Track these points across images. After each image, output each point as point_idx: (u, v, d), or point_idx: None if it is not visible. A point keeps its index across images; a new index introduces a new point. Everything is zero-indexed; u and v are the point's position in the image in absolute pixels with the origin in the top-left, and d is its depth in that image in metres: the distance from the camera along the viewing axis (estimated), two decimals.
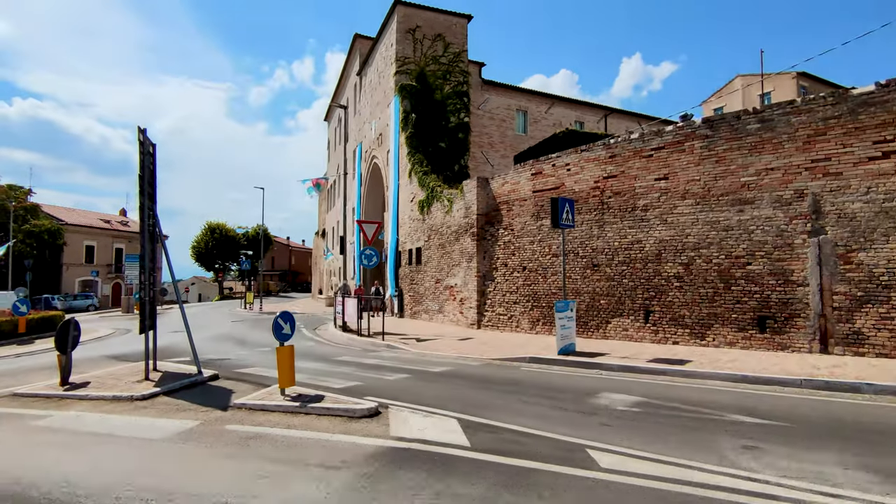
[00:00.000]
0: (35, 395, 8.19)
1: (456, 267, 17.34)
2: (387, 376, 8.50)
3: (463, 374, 8.71)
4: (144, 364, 8.68)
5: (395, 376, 8.49)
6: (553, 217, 10.42)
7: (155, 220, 9.00)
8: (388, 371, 9.05)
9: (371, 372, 9.01)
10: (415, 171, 20.85)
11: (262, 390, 7.25)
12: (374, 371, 9.10)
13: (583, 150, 13.24)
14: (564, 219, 10.47)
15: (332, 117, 45.13)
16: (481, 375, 8.60)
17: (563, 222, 10.46)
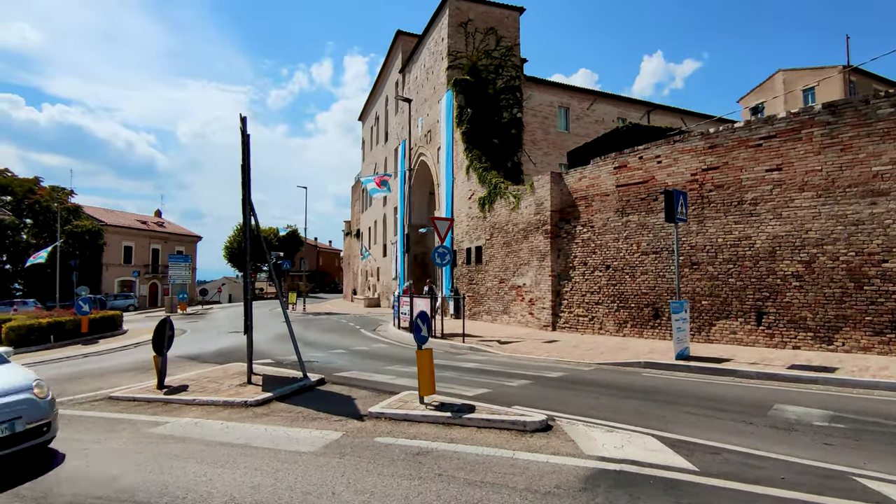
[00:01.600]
0: (133, 398, 7.76)
1: (524, 266, 16.64)
2: (507, 382, 7.84)
3: (586, 381, 8.00)
4: (247, 367, 8.19)
5: (517, 382, 7.82)
6: (668, 211, 9.65)
7: (254, 215, 8.52)
8: (502, 377, 8.39)
9: (485, 377, 8.36)
10: (473, 168, 20.21)
11: (391, 398, 6.64)
12: (487, 376, 8.45)
13: (676, 140, 12.42)
14: (679, 213, 9.70)
15: (367, 116, 44.82)
16: (609, 382, 7.88)
17: (678, 216, 9.69)
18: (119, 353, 14.43)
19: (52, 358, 13.78)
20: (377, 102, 40.28)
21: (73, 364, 12.59)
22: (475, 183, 20.12)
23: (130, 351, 14.86)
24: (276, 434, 5.57)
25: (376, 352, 12.43)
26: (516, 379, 8.10)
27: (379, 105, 39.52)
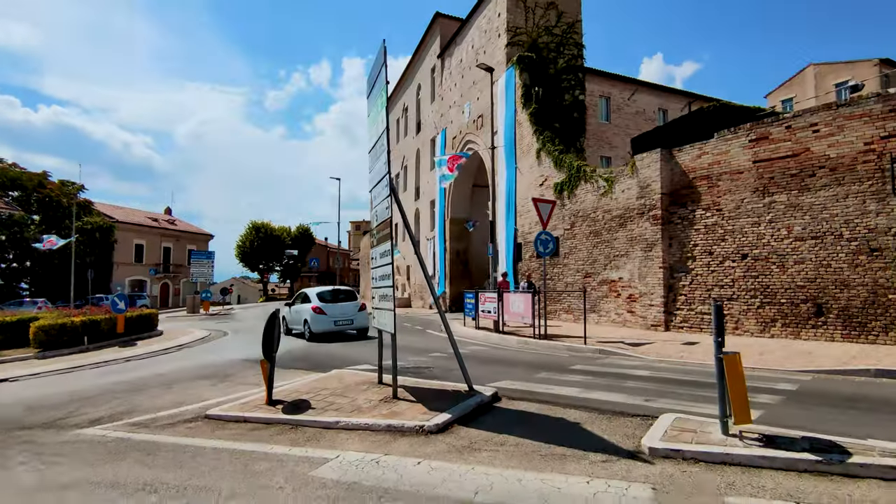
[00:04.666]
0: (244, 418, 5.74)
1: (621, 258, 14.64)
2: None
3: (872, 398, 6.00)
4: (393, 376, 6.14)
5: (763, 398, 5.82)
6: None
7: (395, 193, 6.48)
8: (708, 388, 6.38)
9: (688, 389, 6.36)
10: (546, 151, 18.23)
11: (655, 424, 4.61)
12: (690, 388, 6.44)
13: (841, 105, 10.46)
14: None
15: (391, 108, 42.83)
16: (881, 398, 5.88)
17: None
18: (164, 358, 12.39)
19: (91, 362, 11.74)
20: (405, 92, 38.32)
21: (119, 371, 10.55)
22: (549, 167, 18.14)
23: (175, 354, 12.83)
24: (540, 488, 3.56)
25: (483, 355, 10.42)
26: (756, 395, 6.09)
27: (408, 95, 37.56)
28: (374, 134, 6.87)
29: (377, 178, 6.69)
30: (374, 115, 6.81)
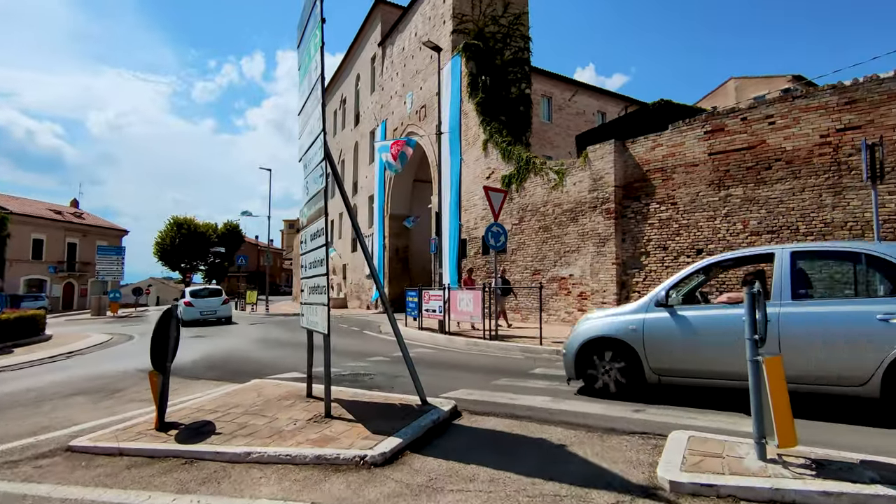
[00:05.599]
0: (120, 450, 4.28)
1: (572, 254, 14.00)
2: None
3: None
4: (325, 388, 4.83)
5: None
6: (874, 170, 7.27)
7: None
8: (695, 394, 5.59)
9: (677, 395, 5.53)
10: (494, 142, 17.38)
11: (676, 447, 3.60)
12: (679, 394, 5.62)
13: (797, 96, 10.25)
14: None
15: (329, 99, 40.80)
16: None
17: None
18: (45, 368, 10.27)
19: None
20: (343, 83, 36.53)
21: None
22: (496, 159, 17.30)
23: (62, 363, 10.71)
24: None
25: (430, 358, 9.27)
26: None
27: (347, 85, 35.80)
28: (305, 88, 5.54)
29: (309, 141, 5.37)
30: (307, 64, 5.49)
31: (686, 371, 5.08)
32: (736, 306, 4.83)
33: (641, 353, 5.22)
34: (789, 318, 4.53)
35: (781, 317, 4.53)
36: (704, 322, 5.00)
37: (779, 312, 4.53)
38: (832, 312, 4.50)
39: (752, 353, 3.18)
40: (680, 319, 5.12)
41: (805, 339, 4.48)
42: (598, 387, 5.58)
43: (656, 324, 5.23)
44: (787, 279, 4.70)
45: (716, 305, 5.20)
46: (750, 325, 3.20)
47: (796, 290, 4.68)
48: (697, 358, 4.98)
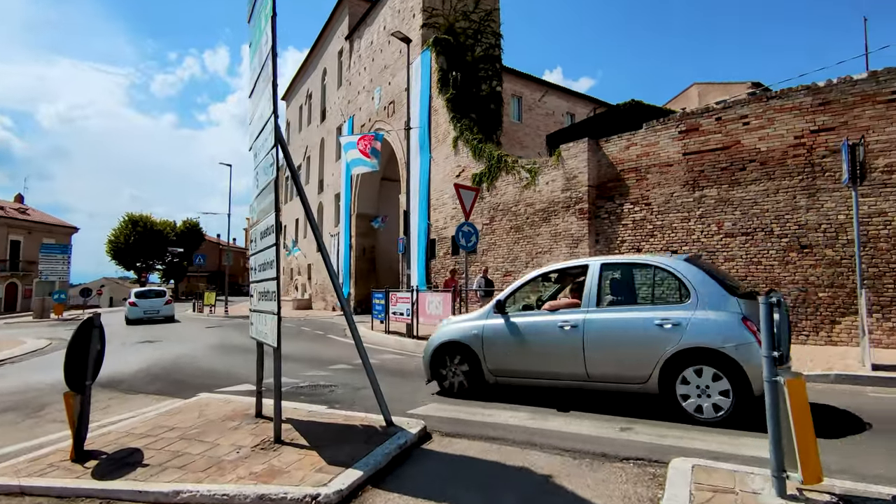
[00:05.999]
0: (18, 489, 3.60)
1: (545, 255, 13.64)
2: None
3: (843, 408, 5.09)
4: (275, 410, 4.19)
5: None
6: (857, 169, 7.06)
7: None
8: None
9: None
10: (464, 140, 16.89)
11: (680, 480, 3.12)
12: None
13: (771, 97, 10.13)
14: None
15: (295, 94, 39.61)
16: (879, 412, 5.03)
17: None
18: None
19: None
20: (310, 77, 35.45)
21: None
22: (467, 157, 16.81)
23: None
24: None
25: (397, 366, 8.69)
26: None
27: (313, 80, 34.74)
28: (256, 65, 4.89)
29: (259, 126, 4.72)
30: (257, 39, 4.84)
31: (515, 372, 5.60)
32: (554, 313, 5.34)
33: (481, 355, 5.74)
34: (592, 323, 5.04)
35: (587, 322, 5.06)
36: (528, 327, 5.50)
37: (584, 319, 5.08)
38: (625, 318, 4.96)
39: (769, 373, 2.75)
40: (511, 325, 5.61)
41: (604, 341, 4.97)
42: (445, 386, 6.07)
43: (493, 329, 5.71)
44: (595, 288, 5.18)
45: (539, 312, 5.58)
46: (767, 339, 2.76)
47: (601, 298, 5.17)
48: (523, 360, 5.51)
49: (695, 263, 4.98)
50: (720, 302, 4.60)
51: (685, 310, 4.67)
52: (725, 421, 4.39)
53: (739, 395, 4.37)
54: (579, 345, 5.02)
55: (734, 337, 4.41)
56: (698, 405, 4.51)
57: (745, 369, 4.33)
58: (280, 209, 4.16)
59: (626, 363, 4.85)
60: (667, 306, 4.94)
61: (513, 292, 5.97)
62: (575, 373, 5.11)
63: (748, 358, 4.32)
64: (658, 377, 4.66)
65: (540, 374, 5.39)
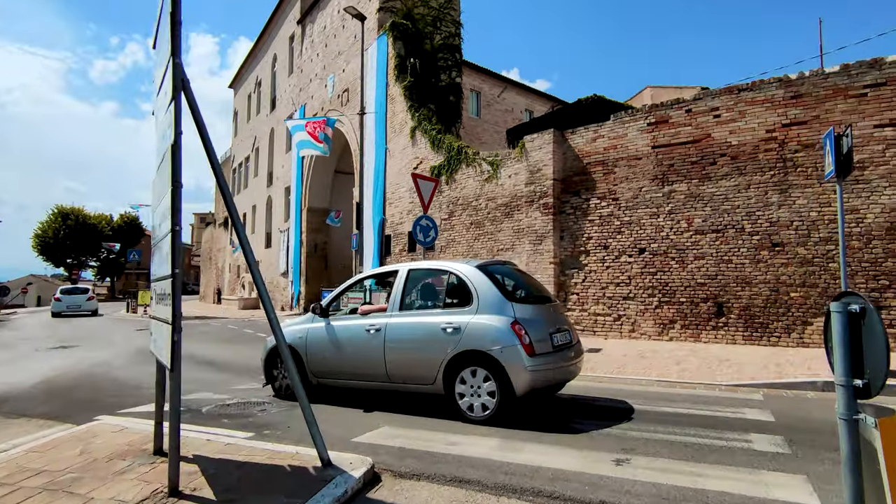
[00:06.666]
0: None
1: (507, 252, 12.92)
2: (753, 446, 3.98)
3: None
4: (171, 452, 3.13)
5: (763, 444, 4.01)
6: (842, 163, 6.59)
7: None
8: (672, 424, 4.51)
9: (656, 427, 4.41)
10: (423, 130, 15.96)
11: None
12: (657, 425, 4.50)
13: (743, 89, 9.74)
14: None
15: (244, 81, 37.49)
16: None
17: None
18: None
19: None
20: (259, 63, 33.55)
21: None
22: (425, 148, 15.90)
23: None
24: None
25: None
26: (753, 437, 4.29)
27: (262, 67, 32.88)
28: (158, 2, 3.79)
29: (160, 75, 3.64)
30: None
31: (332, 373, 5.76)
32: (364, 317, 5.54)
33: (305, 358, 5.86)
34: (392, 326, 5.26)
35: (388, 326, 5.27)
36: (343, 331, 5.67)
37: (387, 322, 5.29)
38: (418, 322, 5.18)
39: (847, 408, 1.99)
40: (329, 329, 5.77)
41: (400, 344, 5.19)
42: (276, 388, 6.20)
43: (314, 332, 5.86)
44: (399, 293, 5.40)
45: (354, 316, 5.72)
46: (843, 361, 2.00)
47: (404, 302, 5.39)
48: (338, 362, 5.68)
49: (484, 270, 5.16)
50: (497, 306, 4.81)
51: (466, 314, 4.89)
52: (491, 420, 4.64)
53: (503, 396, 4.62)
54: (381, 347, 5.22)
55: (501, 340, 4.63)
56: (470, 404, 4.76)
57: (508, 371, 4.56)
58: (180, 182, 3.12)
59: (417, 365, 5.06)
60: (453, 311, 5.05)
61: (335, 297, 6.13)
62: (378, 374, 5.30)
63: (511, 360, 4.56)
64: (442, 378, 4.86)
65: (352, 375, 5.58)
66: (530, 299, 5.31)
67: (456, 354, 4.79)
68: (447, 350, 4.83)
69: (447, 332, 4.87)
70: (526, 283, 5.82)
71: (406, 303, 5.42)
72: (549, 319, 5.09)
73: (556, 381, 5.08)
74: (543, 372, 4.69)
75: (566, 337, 5.19)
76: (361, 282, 6.28)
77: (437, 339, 4.92)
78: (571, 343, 5.26)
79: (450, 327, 4.87)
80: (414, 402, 5.50)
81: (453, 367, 4.83)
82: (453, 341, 4.82)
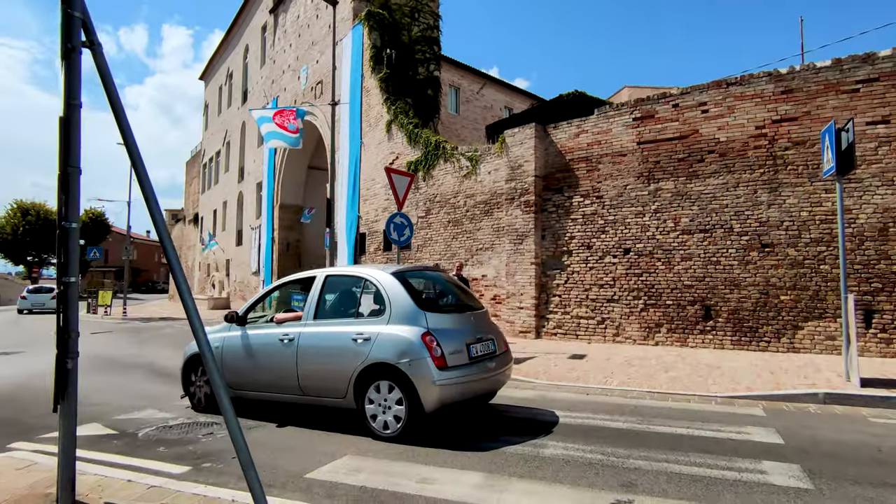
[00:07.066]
0: None
1: (486, 251, 12.37)
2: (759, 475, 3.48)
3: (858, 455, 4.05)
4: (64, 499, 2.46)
5: (778, 475, 3.51)
6: (843, 159, 6.17)
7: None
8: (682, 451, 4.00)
9: (656, 455, 3.89)
10: (399, 124, 15.29)
11: None
12: (663, 451, 3.98)
13: (732, 83, 9.36)
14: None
15: (215, 73, 36.16)
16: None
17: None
18: None
19: None
20: (231, 55, 32.33)
21: None
22: (401, 143, 15.24)
23: None
24: None
25: None
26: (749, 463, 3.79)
27: (234, 58, 31.69)
28: None
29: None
30: None
31: (247, 385, 5.39)
32: (280, 326, 5.21)
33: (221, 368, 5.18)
34: (305, 336, 4.97)
35: (301, 336, 4.98)
36: (257, 340, 5.33)
37: (300, 332, 5.00)
38: (330, 332, 4.88)
39: None
40: (244, 338, 5.43)
41: (312, 355, 4.89)
42: (194, 402, 5.80)
43: (230, 341, 5.52)
44: (315, 300, 5.13)
45: (269, 325, 5.43)
46: None
47: (319, 311, 5.11)
48: (252, 373, 5.34)
49: (400, 277, 4.87)
50: (410, 316, 4.56)
51: (378, 324, 4.65)
52: (400, 437, 4.36)
53: (412, 412, 4.35)
54: (294, 358, 4.95)
55: (410, 352, 4.37)
56: (379, 420, 4.51)
57: (416, 385, 4.29)
58: (78, 167, 2.44)
59: (328, 377, 4.79)
60: (366, 320, 4.83)
61: (252, 304, 5.80)
62: (292, 386, 5.01)
63: (419, 373, 4.29)
64: (353, 392, 4.60)
65: (266, 386, 5.27)
66: (449, 308, 5.11)
67: (366, 367, 4.51)
68: (357, 362, 4.55)
69: (358, 343, 4.59)
70: (451, 290, 5.60)
71: (323, 311, 5.13)
72: (467, 329, 4.82)
73: (476, 394, 4.79)
74: (457, 386, 4.41)
75: (488, 347, 4.94)
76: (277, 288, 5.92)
77: (348, 351, 4.64)
78: (495, 353, 4.99)
79: (360, 338, 4.60)
80: None
81: (364, 381, 4.56)
82: (363, 353, 4.55)
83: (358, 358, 4.56)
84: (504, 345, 5.30)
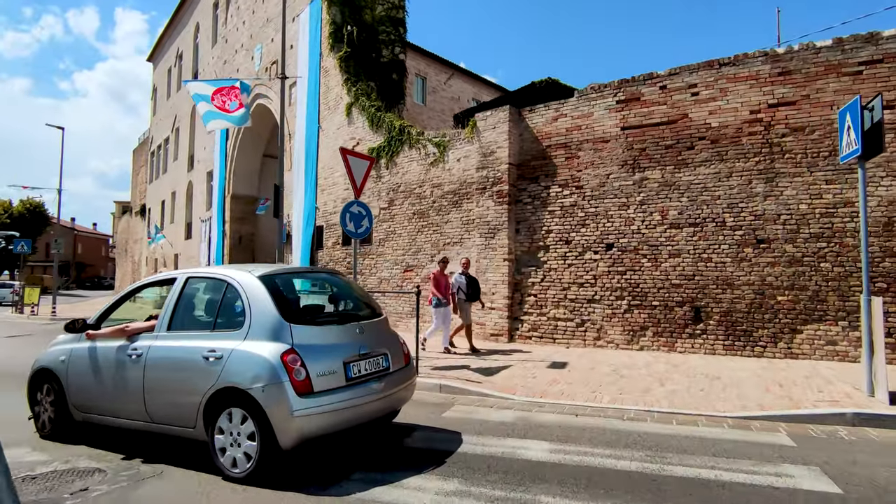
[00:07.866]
0: None
1: (454, 246, 11.28)
2: None
3: None
4: None
5: None
6: (871, 139, 5.34)
7: None
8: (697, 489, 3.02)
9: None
10: (361, 107, 14.01)
11: None
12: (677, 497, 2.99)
13: (724, 63, 8.55)
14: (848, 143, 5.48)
15: (163, 54, 33.74)
16: None
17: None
18: None
19: None
20: (181, 34, 30.14)
21: None
22: (363, 127, 13.97)
23: None
24: None
25: None
26: None
27: (184, 38, 29.53)
28: None
29: None
30: None
31: (95, 408, 4.55)
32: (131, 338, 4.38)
33: (66, 386, 4.70)
34: (154, 351, 4.18)
35: (150, 350, 4.19)
36: (106, 354, 4.48)
37: (150, 346, 4.21)
38: (180, 347, 4.07)
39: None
40: (92, 351, 4.61)
41: (159, 375, 4.10)
42: (38, 425, 4.90)
43: (79, 354, 4.69)
44: (171, 307, 4.32)
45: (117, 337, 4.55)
46: None
47: (176, 319, 4.29)
48: (99, 393, 4.49)
49: (267, 280, 4.05)
50: (272, 330, 3.77)
51: (234, 339, 3.84)
52: (251, 477, 3.55)
53: (265, 448, 3.55)
54: (141, 377, 4.14)
55: (264, 375, 3.57)
56: (228, 456, 3.70)
57: (270, 417, 3.50)
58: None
59: (175, 402, 3.97)
60: (221, 333, 3.97)
61: (106, 311, 4.88)
62: (139, 411, 4.17)
63: (274, 403, 3.50)
64: (203, 421, 3.78)
65: (113, 412, 4.40)
66: (329, 319, 4.31)
67: (216, 391, 3.70)
68: (207, 385, 3.74)
69: (209, 362, 3.79)
70: (348, 295, 4.95)
71: (179, 320, 4.25)
72: (349, 344, 4.01)
73: (360, 421, 3.96)
74: (327, 415, 3.62)
75: (378, 363, 4.18)
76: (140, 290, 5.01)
77: (198, 371, 3.83)
78: (387, 370, 4.24)
79: (212, 356, 3.80)
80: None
81: (214, 407, 3.74)
82: (214, 374, 3.74)
83: (208, 380, 3.73)
84: (404, 358, 4.55)
